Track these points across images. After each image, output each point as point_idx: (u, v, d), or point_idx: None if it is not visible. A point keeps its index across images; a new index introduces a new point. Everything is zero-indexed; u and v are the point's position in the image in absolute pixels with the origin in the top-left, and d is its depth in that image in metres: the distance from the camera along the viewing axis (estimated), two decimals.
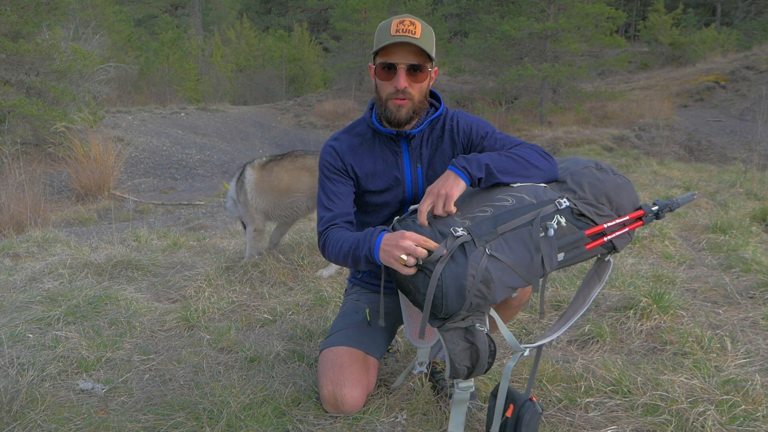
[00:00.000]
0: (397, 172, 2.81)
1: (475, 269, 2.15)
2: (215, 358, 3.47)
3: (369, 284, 3.14)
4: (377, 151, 2.84)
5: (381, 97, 2.72)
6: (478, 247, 2.18)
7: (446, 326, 2.24)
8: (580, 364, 3.21)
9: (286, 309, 4.23)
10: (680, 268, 4.93)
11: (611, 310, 3.91)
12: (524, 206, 2.31)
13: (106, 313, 4.15)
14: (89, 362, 3.38)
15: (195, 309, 4.18)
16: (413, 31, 2.56)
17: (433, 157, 2.82)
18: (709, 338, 3.43)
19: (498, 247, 2.21)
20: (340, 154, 2.87)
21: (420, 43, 2.55)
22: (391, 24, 2.58)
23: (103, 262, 5.20)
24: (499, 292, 2.20)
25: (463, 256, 2.17)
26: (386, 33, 2.58)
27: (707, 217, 6.49)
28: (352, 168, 2.85)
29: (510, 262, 2.21)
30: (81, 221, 10.21)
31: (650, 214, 2.51)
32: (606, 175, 2.49)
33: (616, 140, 17.60)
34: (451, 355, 2.25)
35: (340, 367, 2.74)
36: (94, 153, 12.52)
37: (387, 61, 2.62)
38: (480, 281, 2.15)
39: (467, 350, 2.26)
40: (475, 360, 2.27)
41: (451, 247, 2.17)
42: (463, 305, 2.16)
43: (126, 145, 16.68)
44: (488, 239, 2.21)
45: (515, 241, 2.24)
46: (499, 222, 2.26)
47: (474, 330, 2.24)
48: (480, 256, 2.17)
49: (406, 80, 2.63)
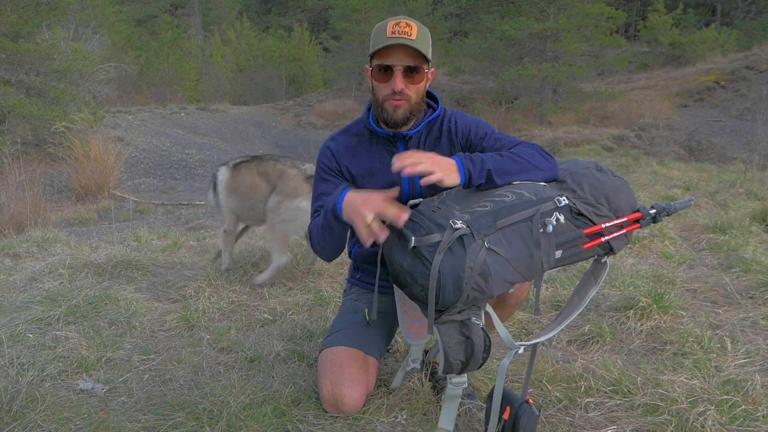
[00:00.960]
0: (394, 173, 2.81)
1: (473, 261, 2.15)
2: (215, 358, 3.47)
3: (368, 284, 3.15)
4: (374, 152, 2.84)
5: (378, 98, 2.73)
6: (477, 241, 2.19)
7: (442, 318, 2.24)
8: (580, 364, 3.21)
9: (286, 309, 4.23)
10: (680, 268, 4.93)
11: (611, 310, 3.91)
12: (523, 202, 2.31)
13: (106, 313, 4.15)
14: (89, 362, 3.38)
15: (195, 309, 4.18)
16: (409, 33, 2.56)
17: None
18: (709, 338, 3.43)
19: (497, 241, 2.21)
20: (336, 155, 2.88)
21: (416, 44, 2.56)
22: (387, 26, 2.59)
23: (103, 262, 5.20)
24: (496, 285, 2.21)
25: (462, 249, 2.17)
26: (382, 35, 2.59)
27: (707, 217, 6.49)
28: (347, 169, 2.85)
29: (508, 256, 2.21)
30: (81, 221, 10.21)
31: (647, 217, 2.52)
32: (605, 176, 2.50)
33: (616, 140, 17.60)
34: (445, 348, 2.26)
35: (340, 367, 2.75)
36: (94, 153, 12.52)
37: (383, 63, 2.62)
38: (478, 274, 2.15)
39: (462, 344, 2.27)
40: (469, 354, 2.28)
41: (450, 239, 2.17)
42: (460, 297, 2.16)
43: (126, 145, 16.67)
44: (487, 233, 2.21)
45: (514, 236, 2.25)
46: (498, 217, 2.26)
47: (469, 323, 2.25)
48: (479, 249, 2.17)
49: (402, 82, 2.64)
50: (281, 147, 21.83)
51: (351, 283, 3.27)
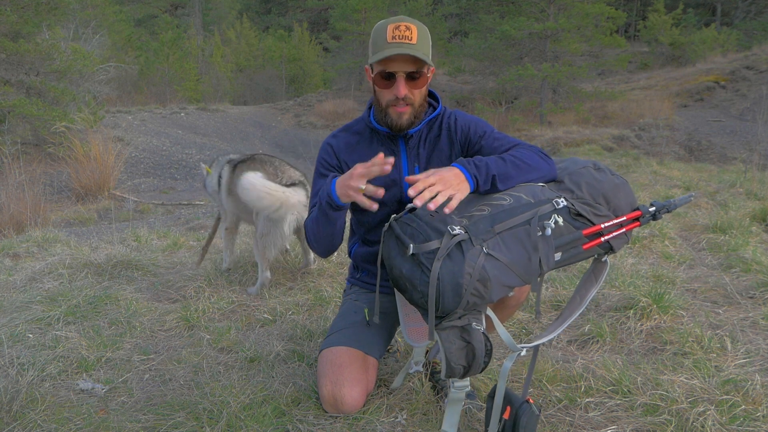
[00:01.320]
0: (395, 172, 2.81)
1: (472, 268, 2.14)
2: (215, 358, 3.47)
3: (368, 284, 3.15)
4: (374, 150, 2.84)
5: (381, 103, 2.74)
6: (476, 246, 2.18)
7: (443, 325, 2.23)
8: (580, 364, 3.21)
9: (285, 309, 4.23)
10: (680, 268, 4.93)
11: (611, 309, 3.91)
12: (521, 205, 2.31)
13: (106, 313, 4.15)
14: (89, 362, 3.38)
15: (195, 309, 4.18)
16: (410, 37, 2.56)
17: (431, 156, 2.84)
18: (709, 338, 3.43)
19: (495, 246, 2.21)
20: (336, 152, 2.90)
21: (417, 51, 2.56)
22: (387, 29, 2.58)
23: (103, 262, 5.20)
24: (496, 290, 2.20)
25: (460, 255, 2.16)
26: (383, 39, 2.59)
27: (707, 217, 6.49)
28: (347, 165, 2.87)
29: (507, 260, 2.21)
30: (81, 221, 10.22)
31: (647, 215, 2.52)
32: (604, 175, 2.50)
33: (616, 140, 17.60)
34: (447, 353, 2.25)
35: (339, 367, 2.75)
36: (94, 153, 12.53)
37: (385, 71, 2.63)
38: (477, 280, 2.15)
39: (463, 349, 2.26)
40: (471, 359, 2.27)
41: (448, 246, 2.17)
42: (459, 303, 2.16)
43: (126, 145, 16.68)
44: (485, 238, 2.20)
45: (512, 240, 2.24)
46: (496, 221, 2.25)
47: (470, 329, 2.24)
48: (477, 254, 2.16)
49: (405, 88, 2.64)
50: (281, 147, 21.83)
51: (351, 283, 3.27)
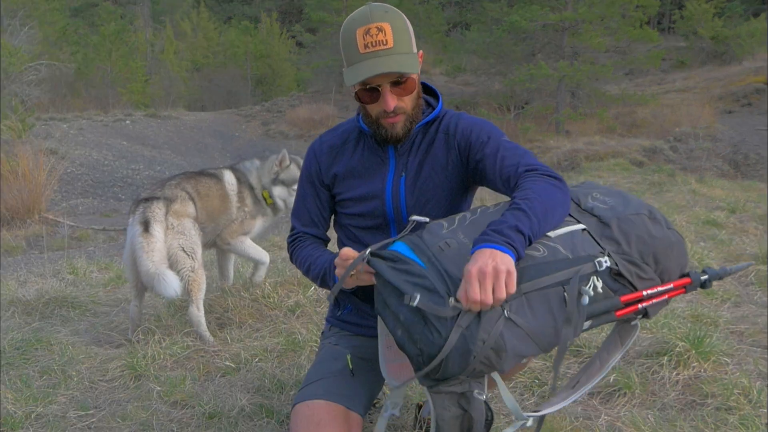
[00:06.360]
0: (379, 180, 2.82)
1: (487, 333, 2.06)
2: (167, 414, 3.47)
3: (351, 324, 3.09)
4: (357, 158, 2.87)
5: (370, 116, 2.74)
6: (496, 307, 2.09)
7: (438, 388, 2.18)
8: (605, 421, 3.22)
9: (251, 355, 4.22)
10: (724, 306, 4.95)
11: (641, 356, 3.91)
12: (557, 260, 2.22)
13: (37, 360, 4.14)
14: (16, 419, 3.37)
15: (143, 355, 4.17)
16: (384, 41, 2.54)
17: (423, 163, 2.82)
18: (758, 390, 3.44)
19: (519, 309, 2.12)
20: (317, 155, 2.96)
21: (396, 59, 2.55)
22: (357, 37, 2.56)
23: (33, 298, 5.19)
24: (508, 361, 2.12)
25: (476, 316, 2.08)
26: (354, 50, 2.58)
27: (756, 244, 6.51)
28: (327, 169, 2.91)
29: (530, 328, 2.12)
30: (6, 250, 10.17)
31: (696, 284, 2.42)
32: (659, 229, 2.39)
33: (647, 153, 17.66)
34: (438, 420, 2.21)
35: (317, 426, 2.72)
36: (22, 169, 12.48)
37: (367, 86, 2.63)
38: (491, 348, 2.07)
39: (459, 418, 2.21)
40: (466, 430, 2.23)
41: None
42: (465, 371, 2.10)
43: (60, 159, 16.61)
44: (509, 298, 2.09)
45: (541, 303, 2.15)
46: (524, 278, 2.14)
47: (470, 396, 2.20)
48: (496, 317, 2.08)
49: (394, 99, 2.64)
50: None
51: (330, 323, 3.25)
